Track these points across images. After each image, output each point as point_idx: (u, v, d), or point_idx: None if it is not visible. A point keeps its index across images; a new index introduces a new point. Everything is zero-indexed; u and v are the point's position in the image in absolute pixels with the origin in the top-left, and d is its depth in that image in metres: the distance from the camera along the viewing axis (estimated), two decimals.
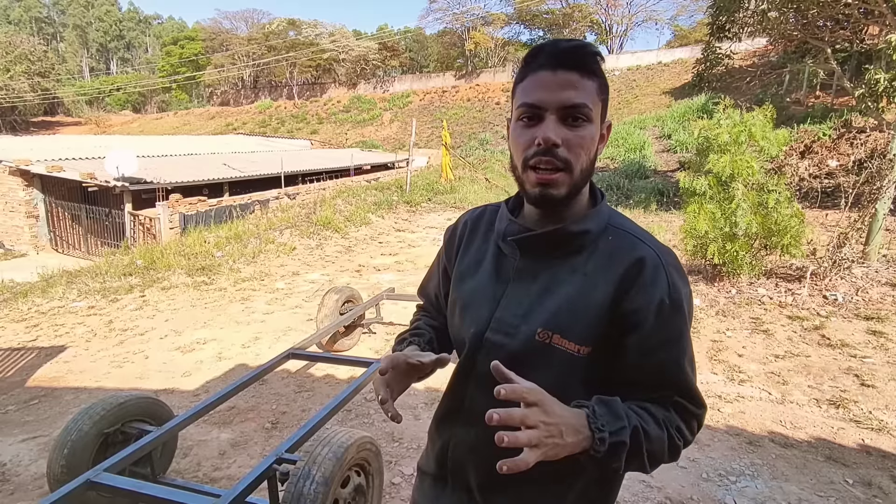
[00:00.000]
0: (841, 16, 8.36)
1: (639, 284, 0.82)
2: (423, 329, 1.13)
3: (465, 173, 15.48)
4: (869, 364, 3.87)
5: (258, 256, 7.28)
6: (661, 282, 0.83)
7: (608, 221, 0.89)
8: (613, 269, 0.84)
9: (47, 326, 4.94)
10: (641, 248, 0.85)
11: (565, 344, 0.84)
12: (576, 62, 0.80)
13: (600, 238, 0.88)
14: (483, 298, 0.93)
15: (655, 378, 0.84)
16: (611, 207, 0.94)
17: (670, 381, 0.84)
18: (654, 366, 0.84)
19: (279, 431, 3.12)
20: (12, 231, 12.15)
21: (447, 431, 0.99)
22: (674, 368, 0.84)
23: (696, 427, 0.87)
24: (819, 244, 5.63)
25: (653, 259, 0.84)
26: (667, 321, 0.83)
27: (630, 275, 0.83)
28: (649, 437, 0.79)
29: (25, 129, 35.97)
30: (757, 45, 21.37)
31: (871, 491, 2.56)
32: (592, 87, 0.81)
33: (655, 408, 0.83)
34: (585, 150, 0.81)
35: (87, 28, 58.69)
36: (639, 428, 0.78)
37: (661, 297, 0.82)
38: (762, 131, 5.46)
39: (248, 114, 38.54)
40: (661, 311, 0.82)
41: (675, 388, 0.84)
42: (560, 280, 0.87)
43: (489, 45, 36.22)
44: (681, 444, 0.84)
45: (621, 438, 0.75)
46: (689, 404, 0.85)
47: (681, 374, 0.84)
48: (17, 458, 2.84)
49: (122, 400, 2.27)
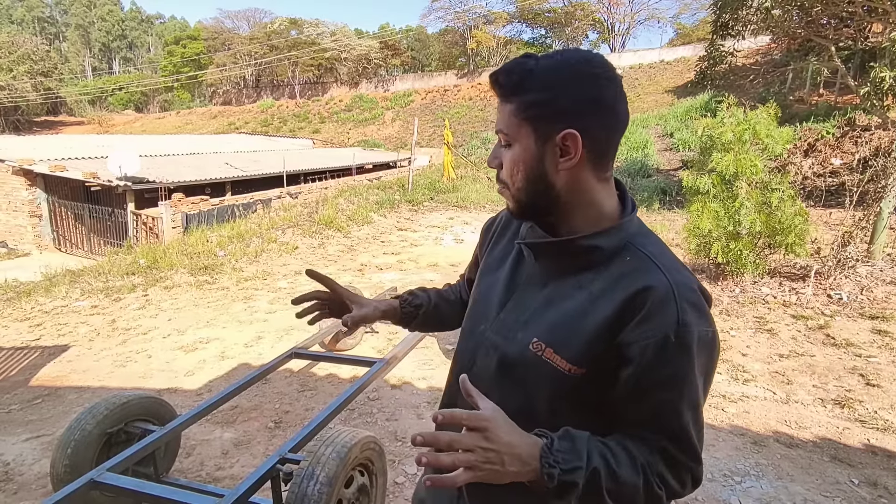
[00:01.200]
0: (845, 13, 8.33)
1: (641, 316, 0.75)
2: (426, 295, 1.21)
3: (468, 172, 15.46)
4: (874, 363, 3.85)
5: (260, 256, 7.28)
6: (669, 316, 0.74)
7: (630, 240, 0.82)
8: (618, 294, 0.77)
9: (50, 326, 4.95)
10: (653, 276, 0.77)
11: (556, 360, 0.80)
12: (496, 87, 0.82)
13: (616, 256, 0.81)
14: (494, 297, 0.94)
15: (646, 418, 0.77)
16: (641, 223, 0.86)
17: (662, 424, 0.77)
18: (647, 405, 0.77)
19: (282, 431, 3.11)
20: (16, 230, 12.19)
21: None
22: (668, 412, 0.76)
23: (687, 480, 0.79)
24: (823, 243, 5.61)
25: (664, 289, 0.75)
26: (669, 360, 0.74)
27: (634, 303, 0.76)
28: (617, 479, 0.73)
29: (28, 129, 36.09)
30: (760, 42, 21.27)
31: (877, 491, 2.54)
32: (509, 110, 0.81)
33: (640, 448, 0.76)
34: (513, 170, 0.82)
35: (89, 28, 58.83)
36: (598, 471, 0.72)
37: (665, 332, 0.74)
38: (766, 129, 5.43)
39: (250, 113, 38.58)
40: (665, 348, 0.74)
41: (665, 434, 0.76)
42: (565, 294, 0.84)
43: (491, 44, 36.20)
44: (662, 493, 0.76)
45: (572, 479, 0.70)
46: (679, 454, 0.77)
47: (675, 420, 0.76)
48: (21, 457, 2.84)
49: (125, 399, 2.27)
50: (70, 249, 12.17)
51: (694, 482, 0.80)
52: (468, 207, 11.16)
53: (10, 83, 34.92)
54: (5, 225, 12.30)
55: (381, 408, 3.36)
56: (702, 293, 0.79)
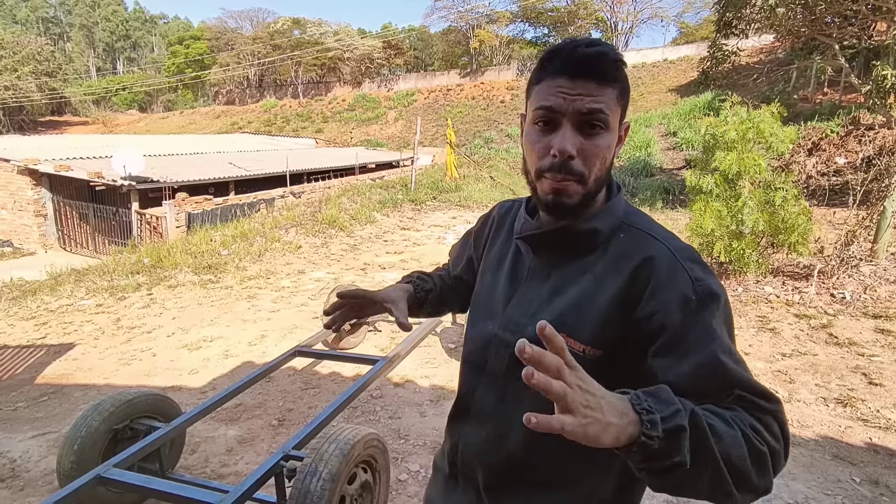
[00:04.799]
0: (849, 12, 8.31)
1: (653, 286, 0.75)
2: (432, 278, 1.18)
3: (470, 171, 15.46)
4: (877, 362, 3.84)
5: (264, 255, 7.31)
6: (681, 278, 0.74)
7: (622, 219, 0.85)
8: (621, 270, 0.79)
9: (56, 324, 4.98)
10: (652, 246, 0.79)
11: (570, 342, 0.79)
12: (595, 71, 0.76)
13: (613, 237, 0.83)
14: (498, 295, 0.93)
15: (700, 383, 0.69)
16: (627, 204, 0.89)
17: (719, 381, 0.69)
18: (693, 371, 0.69)
19: (286, 428, 3.13)
20: (21, 230, 12.26)
21: (457, 431, 0.98)
22: (718, 367, 0.69)
23: (776, 427, 0.67)
24: (827, 242, 5.59)
25: (665, 256, 0.77)
26: (697, 318, 0.72)
27: (640, 276, 0.77)
28: (717, 433, 0.61)
29: (33, 129, 36.22)
30: (764, 41, 21.24)
31: (879, 489, 2.54)
32: (612, 94, 0.77)
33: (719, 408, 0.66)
34: (601, 159, 0.78)
35: (93, 28, 59.01)
36: (699, 415, 0.60)
37: (683, 293, 0.73)
38: (770, 128, 5.42)
39: (253, 113, 38.64)
40: (687, 307, 0.72)
41: (728, 385, 0.68)
42: (570, 280, 0.85)
43: (494, 43, 36.14)
44: (765, 448, 0.63)
45: (678, 422, 0.58)
46: (755, 397, 0.68)
47: (728, 370, 0.69)
48: (27, 454, 2.87)
49: (130, 396, 2.29)
50: (75, 249, 12.23)
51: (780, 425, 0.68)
52: (471, 207, 11.17)
53: (14, 83, 35.04)
54: (10, 224, 12.37)
55: (383, 406, 3.37)
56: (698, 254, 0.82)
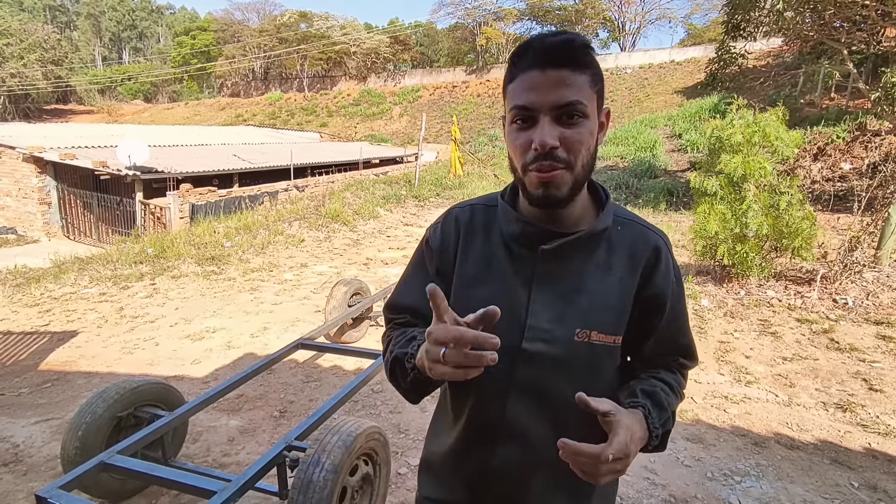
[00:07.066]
0: (858, 17, 8.27)
1: (659, 271, 0.91)
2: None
3: (474, 169, 15.46)
4: (878, 369, 3.84)
5: (267, 247, 7.33)
6: (671, 265, 0.94)
7: (614, 212, 0.93)
8: (635, 260, 0.90)
9: (59, 312, 5.01)
10: (652, 237, 0.93)
11: (603, 339, 0.87)
12: (565, 58, 0.76)
13: (612, 230, 0.90)
14: (509, 306, 0.85)
15: (670, 347, 0.97)
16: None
17: (679, 346, 0.98)
18: (671, 337, 0.96)
19: (287, 420, 3.15)
20: (25, 217, 12.29)
21: (483, 451, 0.92)
22: (683, 336, 0.98)
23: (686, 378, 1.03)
24: (830, 247, 5.58)
25: (663, 245, 0.93)
26: (678, 297, 0.95)
27: (650, 263, 0.91)
28: (673, 407, 0.92)
29: (38, 117, 36.27)
30: (772, 45, 21.12)
31: (877, 494, 2.55)
32: (585, 81, 0.77)
33: (667, 374, 0.96)
34: (585, 146, 0.79)
35: (100, 17, 58.91)
36: (675, 411, 0.93)
37: (673, 278, 0.93)
38: (776, 132, 5.41)
39: (258, 105, 38.63)
40: (675, 290, 0.93)
41: (681, 352, 0.99)
42: (586, 278, 0.87)
43: (500, 41, 36.01)
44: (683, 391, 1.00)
45: (668, 428, 0.89)
46: (690, 362, 1.01)
47: (686, 338, 0.99)
48: (30, 439, 2.89)
49: (135, 385, 2.31)
50: (78, 237, 12.26)
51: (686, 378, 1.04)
52: None
53: (20, 71, 35.07)
54: (15, 212, 12.41)
55: (384, 400, 3.39)
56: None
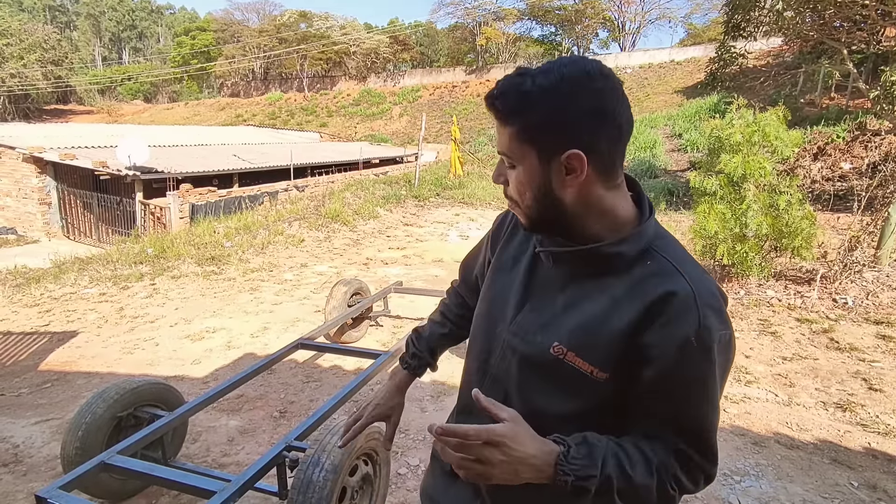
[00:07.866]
0: (858, 16, 8.27)
1: (663, 319, 0.76)
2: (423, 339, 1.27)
3: (474, 169, 15.46)
4: (877, 368, 3.85)
5: (267, 247, 7.33)
6: (691, 320, 0.75)
7: (651, 244, 0.82)
8: (641, 298, 0.78)
9: (59, 312, 5.01)
10: (675, 281, 0.77)
11: (578, 363, 0.81)
12: (497, 112, 0.79)
13: (638, 261, 0.81)
14: (511, 298, 0.92)
15: (665, 419, 0.79)
16: (658, 226, 0.86)
17: (681, 426, 0.78)
18: (667, 406, 0.78)
19: (287, 420, 3.15)
20: (25, 217, 12.30)
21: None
22: (689, 414, 0.78)
23: (700, 479, 0.81)
24: (830, 247, 5.59)
25: (685, 294, 0.76)
26: (690, 362, 0.75)
27: (656, 308, 0.76)
28: (631, 482, 0.75)
29: (38, 117, 36.28)
30: (772, 44, 21.13)
31: (876, 494, 2.55)
32: (509, 134, 0.78)
33: (656, 449, 0.78)
34: (521, 189, 0.81)
35: (100, 17, 58.90)
36: (612, 478, 0.74)
37: (686, 336, 0.75)
38: (776, 132, 5.41)
39: (258, 105, 38.65)
40: (686, 350, 0.75)
41: (685, 436, 0.78)
42: (587, 297, 0.83)
43: (500, 41, 36.06)
44: (675, 493, 0.79)
45: (586, 486, 0.73)
46: (698, 456, 0.79)
47: (695, 421, 0.78)
48: (30, 439, 2.90)
49: (135, 385, 2.31)
50: (78, 237, 12.26)
51: (707, 480, 0.81)
52: (474, 204, 11.18)
53: (20, 71, 35.09)
54: (15, 212, 12.41)
55: None
56: (720, 295, 0.81)
